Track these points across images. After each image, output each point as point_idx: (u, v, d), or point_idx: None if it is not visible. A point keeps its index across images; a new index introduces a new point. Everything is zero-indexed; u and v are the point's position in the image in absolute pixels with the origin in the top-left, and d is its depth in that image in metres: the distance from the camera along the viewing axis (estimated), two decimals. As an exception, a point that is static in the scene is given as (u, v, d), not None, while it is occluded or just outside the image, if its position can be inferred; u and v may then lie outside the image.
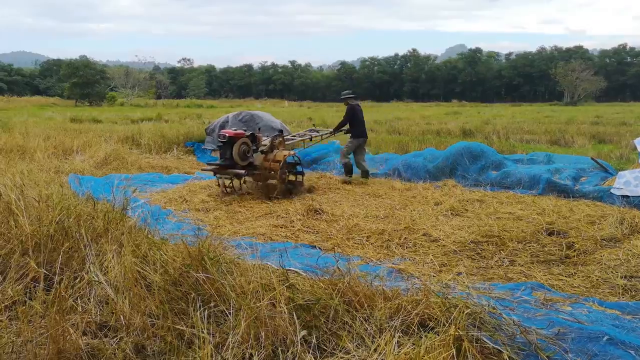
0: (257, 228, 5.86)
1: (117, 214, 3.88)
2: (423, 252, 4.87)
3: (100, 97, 54.37)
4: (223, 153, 7.43)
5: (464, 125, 19.26)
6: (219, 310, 3.00)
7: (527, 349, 2.80)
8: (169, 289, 3.13)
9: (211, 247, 3.52)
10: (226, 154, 7.40)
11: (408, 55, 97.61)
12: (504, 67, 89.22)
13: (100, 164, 10.44)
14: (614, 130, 16.94)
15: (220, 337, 2.79)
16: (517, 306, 3.54)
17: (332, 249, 4.94)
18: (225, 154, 7.41)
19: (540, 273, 4.24)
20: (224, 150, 7.41)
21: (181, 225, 5.75)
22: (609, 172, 7.94)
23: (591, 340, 2.95)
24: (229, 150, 7.38)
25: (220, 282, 3.08)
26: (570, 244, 4.82)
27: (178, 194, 7.59)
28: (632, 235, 4.92)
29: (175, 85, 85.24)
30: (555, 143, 14.54)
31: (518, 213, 6.00)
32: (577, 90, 63.24)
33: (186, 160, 12.42)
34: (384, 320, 2.92)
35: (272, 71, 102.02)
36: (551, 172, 7.70)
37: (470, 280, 4.13)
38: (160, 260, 3.28)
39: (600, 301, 3.66)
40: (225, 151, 7.40)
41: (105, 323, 3.01)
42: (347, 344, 2.76)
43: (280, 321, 2.84)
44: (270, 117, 13.92)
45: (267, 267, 3.49)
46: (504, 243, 4.94)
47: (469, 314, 2.85)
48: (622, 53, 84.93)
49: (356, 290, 3.19)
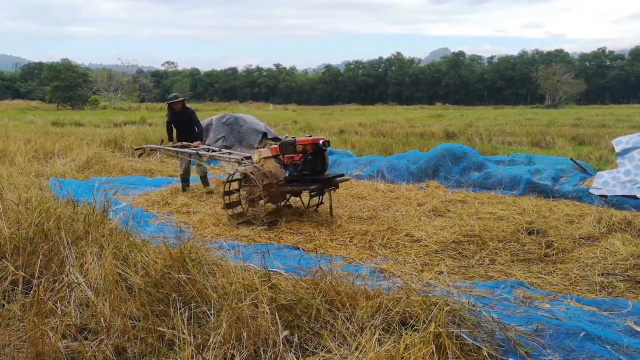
0: (240, 230, 5.85)
1: (97, 217, 3.85)
2: (405, 252, 4.91)
3: (82, 101, 53.81)
4: (312, 164, 6.22)
5: (447, 127, 19.45)
6: (200, 311, 2.99)
7: (506, 345, 2.85)
8: (150, 291, 3.12)
9: (193, 249, 3.51)
10: (317, 164, 6.26)
11: (392, 58, 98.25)
12: (486, 71, 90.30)
13: (82, 168, 10.34)
14: (594, 132, 17.24)
15: (202, 338, 2.79)
16: (497, 304, 3.59)
17: (314, 249, 4.96)
18: (316, 165, 6.25)
19: (520, 271, 4.30)
20: (314, 161, 6.23)
21: (164, 227, 5.72)
22: (587, 172, 8.08)
23: (568, 336, 3.01)
24: (321, 159, 6.27)
25: (201, 283, 3.07)
26: (550, 243, 4.90)
27: (161, 197, 7.55)
28: (609, 233, 5.02)
29: (159, 89, 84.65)
30: (536, 145, 14.76)
31: (499, 213, 6.08)
32: (558, 93, 64.20)
33: (170, 163, 12.34)
34: (366, 319, 2.94)
35: (257, 74, 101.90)
36: (531, 173, 7.82)
37: (451, 279, 4.17)
38: (141, 262, 3.27)
39: (578, 298, 3.73)
40: (315, 162, 6.24)
41: (85, 326, 2.98)
42: (328, 343, 2.77)
43: (262, 321, 2.85)
44: (254, 119, 13.91)
45: (250, 268, 3.49)
46: (484, 242, 5.01)
47: (448, 311, 2.88)
48: (601, 56, 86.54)
49: (338, 289, 3.20)
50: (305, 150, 6.10)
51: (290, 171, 6.25)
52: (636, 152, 7.03)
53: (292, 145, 6.15)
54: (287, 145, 6.20)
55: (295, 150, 6.12)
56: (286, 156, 6.20)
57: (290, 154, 6.17)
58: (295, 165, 6.15)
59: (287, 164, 6.23)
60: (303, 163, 6.08)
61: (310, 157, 6.12)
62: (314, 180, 6.11)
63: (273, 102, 75.85)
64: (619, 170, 7.02)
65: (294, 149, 6.13)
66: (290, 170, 6.25)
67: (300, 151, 6.10)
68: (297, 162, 6.12)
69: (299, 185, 6.15)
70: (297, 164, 6.12)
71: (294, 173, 6.20)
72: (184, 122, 8.25)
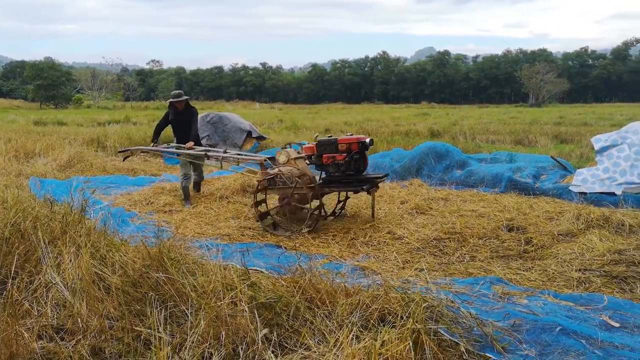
0: (223, 229, 5.84)
1: (75, 216, 3.81)
2: (387, 250, 4.94)
3: (66, 100, 53.17)
4: (357, 164, 5.97)
5: (432, 126, 19.57)
6: (179, 310, 2.98)
7: (483, 340, 2.88)
8: (128, 290, 3.10)
9: (173, 248, 3.50)
10: (360, 164, 6.03)
11: (378, 57, 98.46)
12: (471, 70, 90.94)
13: (64, 167, 10.22)
14: (576, 130, 17.47)
15: (180, 338, 2.78)
16: (475, 300, 3.63)
17: (294, 247, 4.97)
18: (360, 164, 6.02)
19: (499, 268, 4.35)
20: (360, 160, 6.00)
21: (145, 227, 5.68)
22: (567, 170, 8.20)
23: (545, 330, 3.05)
24: (364, 159, 6.05)
25: (180, 282, 3.06)
26: (529, 240, 4.97)
27: (144, 196, 7.49)
28: (587, 230, 5.09)
29: (144, 87, 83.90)
30: (519, 143, 14.93)
31: (480, 210, 6.14)
32: (542, 92, 64.94)
33: (153, 162, 12.25)
34: (345, 316, 2.95)
35: (243, 73, 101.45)
36: (513, 171, 7.91)
37: (431, 276, 4.20)
38: (119, 261, 3.25)
39: (555, 293, 3.78)
40: (360, 162, 6.01)
41: (62, 326, 2.95)
42: (307, 340, 2.78)
43: (241, 320, 2.84)
44: (238, 118, 13.87)
45: (230, 267, 3.48)
46: (465, 239, 5.06)
47: (426, 307, 2.91)
48: (584, 56, 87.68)
49: (318, 287, 3.21)
50: (350, 149, 5.79)
51: (330, 172, 5.87)
52: (615, 150, 7.15)
53: (334, 144, 5.82)
54: (327, 144, 5.84)
55: (338, 149, 5.80)
56: (326, 156, 5.82)
57: (331, 153, 5.82)
58: (337, 166, 5.79)
59: (326, 164, 5.86)
60: (347, 163, 5.76)
61: (356, 157, 5.84)
62: (360, 180, 5.85)
63: (259, 101, 75.65)
64: (598, 167, 7.13)
65: (336, 148, 5.81)
66: (330, 170, 5.87)
67: (344, 150, 5.78)
68: (339, 162, 5.78)
69: (342, 186, 5.91)
70: (339, 164, 5.77)
71: (334, 174, 5.84)
72: (184, 123, 7.67)
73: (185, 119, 7.62)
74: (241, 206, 6.87)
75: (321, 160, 5.88)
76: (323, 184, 5.88)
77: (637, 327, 3.24)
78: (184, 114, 7.63)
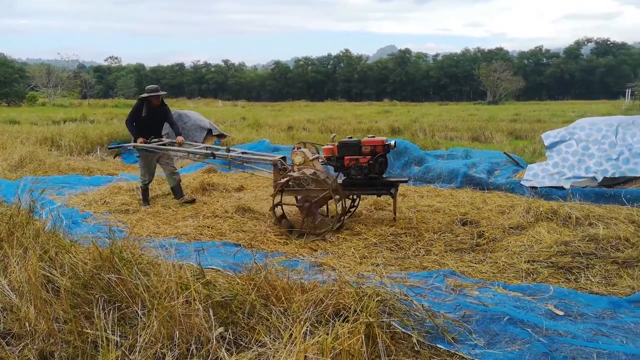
0: (182, 228, 5.77)
1: (22, 217, 3.69)
2: (346, 246, 5.00)
3: (19, 97, 51.13)
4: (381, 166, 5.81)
5: (393, 123, 19.84)
6: (132, 311, 2.94)
7: (435, 331, 2.96)
8: (78, 293, 3.03)
9: (126, 248, 3.43)
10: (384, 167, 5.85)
11: (341, 55, 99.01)
12: (431, 68, 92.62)
13: (15, 167, 9.86)
14: (530, 127, 18.06)
15: (133, 339, 2.74)
16: (429, 293, 3.72)
17: (250, 245, 4.96)
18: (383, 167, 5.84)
19: (453, 261, 4.48)
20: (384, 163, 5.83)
21: (100, 227, 5.55)
22: (520, 165, 8.49)
23: (493, 320, 3.16)
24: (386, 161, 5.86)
25: (133, 282, 3.01)
26: (481, 233, 5.13)
27: (99, 196, 7.31)
28: (537, 223, 5.28)
29: (102, 85, 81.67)
30: (476, 139, 15.33)
31: (436, 205, 6.28)
32: (499, 89, 66.73)
33: (110, 161, 11.96)
34: (300, 312, 2.98)
35: (205, 70, 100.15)
36: (468, 167, 8.13)
37: (387, 270, 4.28)
38: (69, 263, 3.17)
39: (504, 284, 3.91)
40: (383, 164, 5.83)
41: (8, 331, 2.86)
42: (262, 337, 2.79)
43: (195, 319, 2.83)
44: (199, 116, 13.69)
45: (185, 266, 3.45)
46: (421, 234, 5.17)
47: (379, 301, 2.97)
48: (538, 55, 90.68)
49: (274, 284, 3.23)
50: (374, 151, 5.64)
51: (352, 174, 5.70)
52: (563, 145, 7.44)
53: (357, 146, 5.66)
54: (349, 146, 5.68)
55: (361, 151, 5.66)
56: (348, 158, 5.68)
57: (354, 155, 5.67)
58: (360, 168, 5.63)
59: (347, 166, 5.70)
60: (371, 165, 5.61)
61: (381, 159, 5.71)
62: (384, 183, 5.73)
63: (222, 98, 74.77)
64: (547, 162, 7.41)
65: (359, 150, 5.66)
66: (352, 173, 5.69)
67: (368, 152, 5.64)
68: (362, 164, 5.63)
69: (364, 189, 5.76)
70: (362, 166, 5.62)
71: (356, 176, 5.67)
72: (159, 120, 7.25)
73: (160, 116, 7.23)
74: (200, 205, 6.80)
75: (342, 162, 5.72)
76: (344, 187, 5.71)
77: (580, 315, 3.39)
78: (159, 110, 7.19)
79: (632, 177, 6.85)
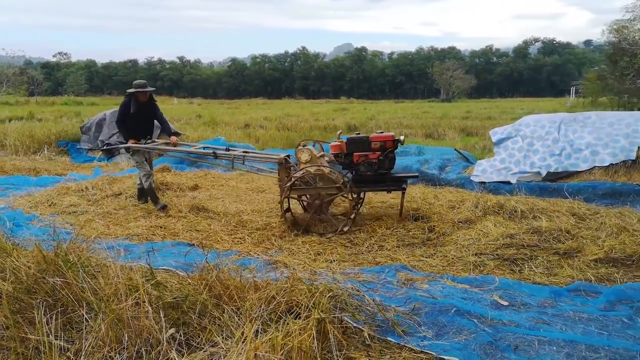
0: (133, 229, 5.65)
1: (-40, 221, 3.52)
2: (301, 243, 5.03)
3: (-41, 95, 48.38)
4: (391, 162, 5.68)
5: (349, 121, 20.03)
6: (78, 315, 2.86)
7: (386, 325, 3.03)
8: (21, 298, 2.92)
9: (72, 251, 3.34)
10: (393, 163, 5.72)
11: (298, 53, 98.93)
12: (387, 66, 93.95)
13: (-46, 169, 9.36)
14: (481, 124, 18.62)
15: (79, 344, 2.68)
16: (381, 287, 3.80)
17: (208, 245, 4.91)
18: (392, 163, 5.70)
19: (404, 255, 4.58)
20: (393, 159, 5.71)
21: (46, 230, 5.36)
22: (470, 161, 8.75)
23: (442, 312, 3.26)
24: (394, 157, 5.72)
25: (79, 286, 2.94)
26: (432, 228, 5.27)
27: (46, 197, 7.05)
28: (484, 217, 5.47)
29: (51, 82, 78.33)
30: (429, 136, 15.69)
31: (390, 202, 6.40)
32: (452, 87, 68.40)
33: (59, 161, 11.55)
34: (253, 310, 2.98)
35: (159, 67, 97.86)
36: (421, 163, 8.32)
37: (341, 266, 4.34)
38: (11, 267, 3.05)
39: (453, 277, 4.04)
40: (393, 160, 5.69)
41: (-55, 340, 2.73)
42: (214, 337, 2.78)
43: (145, 321, 2.79)
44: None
45: (135, 268, 3.38)
46: (374, 230, 5.26)
47: (331, 297, 3.01)
48: (489, 54, 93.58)
49: (227, 283, 3.21)
50: (384, 147, 5.54)
51: (361, 171, 5.60)
52: (510, 141, 7.73)
53: (366, 142, 5.55)
54: (358, 142, 5.58)
55: (370, 147, 5.55)
56: (357, 154, 5.57)
57: (363, 151, 5.57)
58: (369, 165, 5.54)
59: (357, 163, 5.59)
60: (381, 161, 5.52)
61: (391, 155, 5.59)
62: (394, 179, 5.67)
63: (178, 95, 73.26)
64: (495, 158, 7.68)
65: (369, 146, 5.55)
66: (361, 170, 5.59)
67: (377, 149, 5.54)
68: (371, 160, 5.54)
69: (374, 186, 5.68)
70: (372, 162, 5.53)
71: (365, 173, 5.58)
72: (148, 117, 6.85)
73: (148, 113, 6.82)
74: (150, 204, 6.66)
75: (351, 159, 5.63)
76: (354, 183, 5.61)
77: (523, 304, 3.54)
78: (147, 107, 6.77)
79: (573, 172, 7.19)
